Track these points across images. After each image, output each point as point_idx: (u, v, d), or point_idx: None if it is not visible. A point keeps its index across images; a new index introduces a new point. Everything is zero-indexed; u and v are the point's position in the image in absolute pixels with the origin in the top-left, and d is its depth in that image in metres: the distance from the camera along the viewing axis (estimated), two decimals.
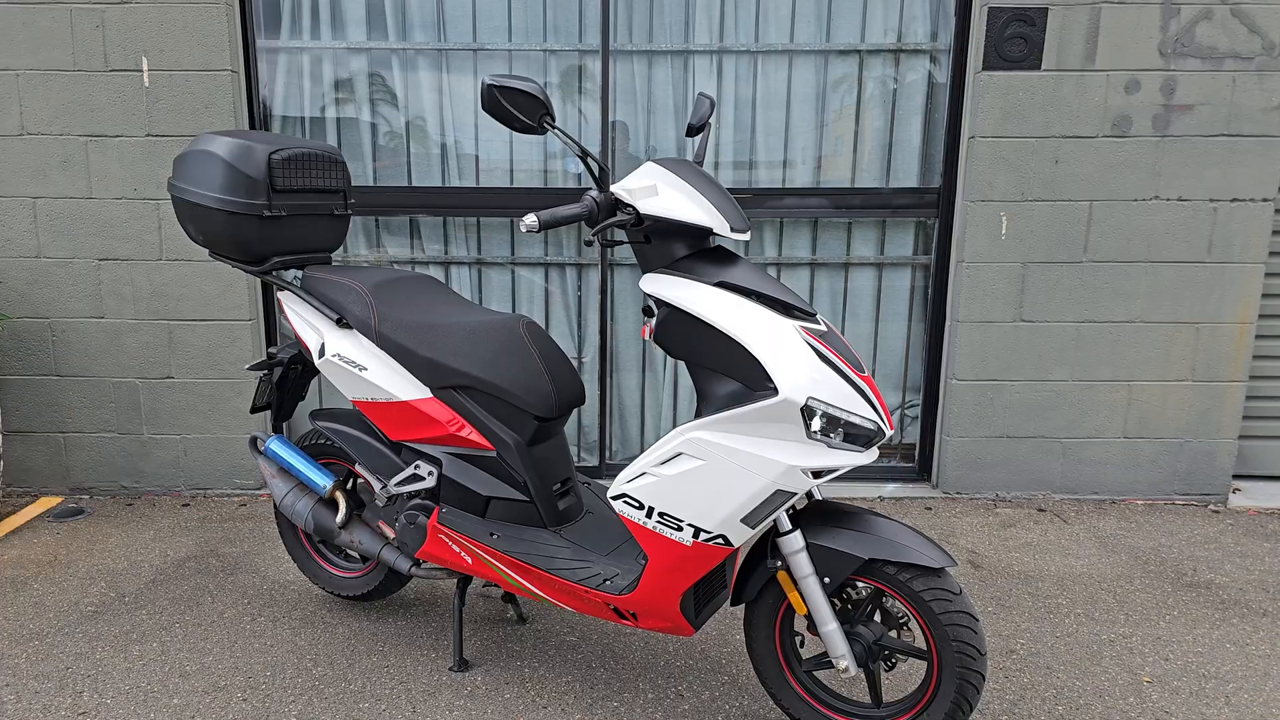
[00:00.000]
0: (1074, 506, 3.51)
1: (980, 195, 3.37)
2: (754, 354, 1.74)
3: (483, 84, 1.79)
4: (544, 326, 3.69)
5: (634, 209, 1.82)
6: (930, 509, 3.46)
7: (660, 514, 1.84)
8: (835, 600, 1.95)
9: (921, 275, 3.63)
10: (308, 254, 2.44)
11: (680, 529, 1.83)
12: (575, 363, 3.72)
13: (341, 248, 3.61)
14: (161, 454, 3.51)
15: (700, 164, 2.10)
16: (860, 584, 1.91)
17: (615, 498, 1.89)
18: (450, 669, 2.29)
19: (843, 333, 3.68)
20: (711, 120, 2.13)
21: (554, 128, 1.84)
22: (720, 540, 1.80)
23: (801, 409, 1.70)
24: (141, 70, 3.21)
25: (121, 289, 3.37)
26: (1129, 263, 3.41)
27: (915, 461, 3.76)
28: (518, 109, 1.81)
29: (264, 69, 3.45)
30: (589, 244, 1.72)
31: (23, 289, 3.37)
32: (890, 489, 3.66)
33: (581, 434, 3.79)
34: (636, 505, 1.86)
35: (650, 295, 1.85)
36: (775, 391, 1.71)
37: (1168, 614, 2.64)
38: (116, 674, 2.24)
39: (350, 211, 2.54)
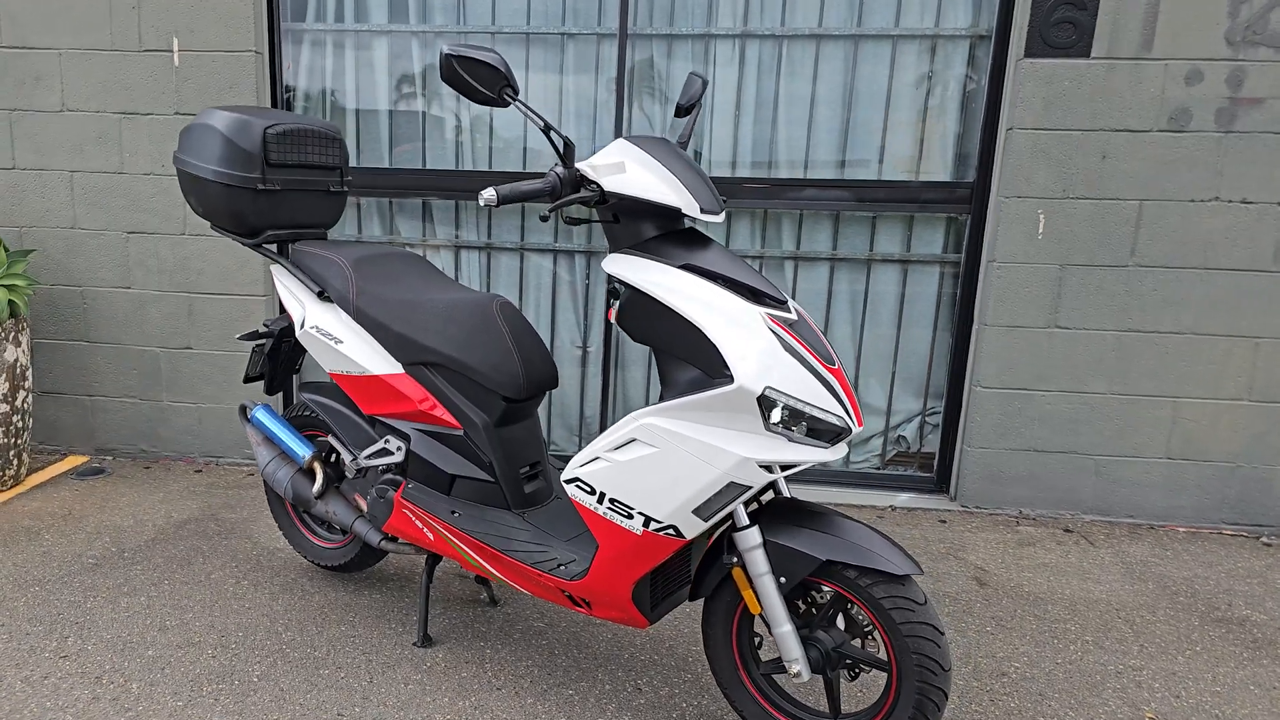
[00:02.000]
0: (1105, 529, 3.43)
1: (1016, 191, 3.33)
2: (712, 339, 1.75)
3: (441, 54, 1.83)
4: (551, 313, 3.80)
5: (598, 186, 1.84)
6: (944, 522, 3.44)
7: (611, 500, 1.88)
8: (800, 603, 1.98)
9: (950, 275, 3.60)
10: (302, 229, 2.59)
11: (631, 517, 1.87)
12: (580, 352, 3.81)
13: (358, 230, 3.79)
14: (178, 421, 3.76)
15: (685, 146, 2.15)
16: (826, 588, 1.92)
17: (568, 481, 1.94)
18: (414, 644, 2.42)
19: (862, 333, 3.68)
20: (702, 102, 2.17)
21: (516, 100, 1.87)
22: (671, 531, 1.84)
23: (759, 399, 1.71)
24: (172, 50, 3.45)
25: (147, 261, 3.62)
26: (1181, 269, 3.32)
27: (934, 472, 3.74)
28: (478, 80, 1.82)
29: (288, 51, 3.65)
30: (544, 219, 1.78)
31: (59, 258, 3.65)
32: (904, 499, 3.64)
33: (583, 424, 3.89)
34: (588, 490, 1.91)
35: (613, 276, 1.89)
36: (731, 379, 1.73)
37: (1189, 649, 2.58)
38: (102, 623, 2.45)
39: (346, 189, 2.69)
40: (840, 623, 1.94)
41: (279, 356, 2.66)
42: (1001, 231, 3.36)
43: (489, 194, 1.76)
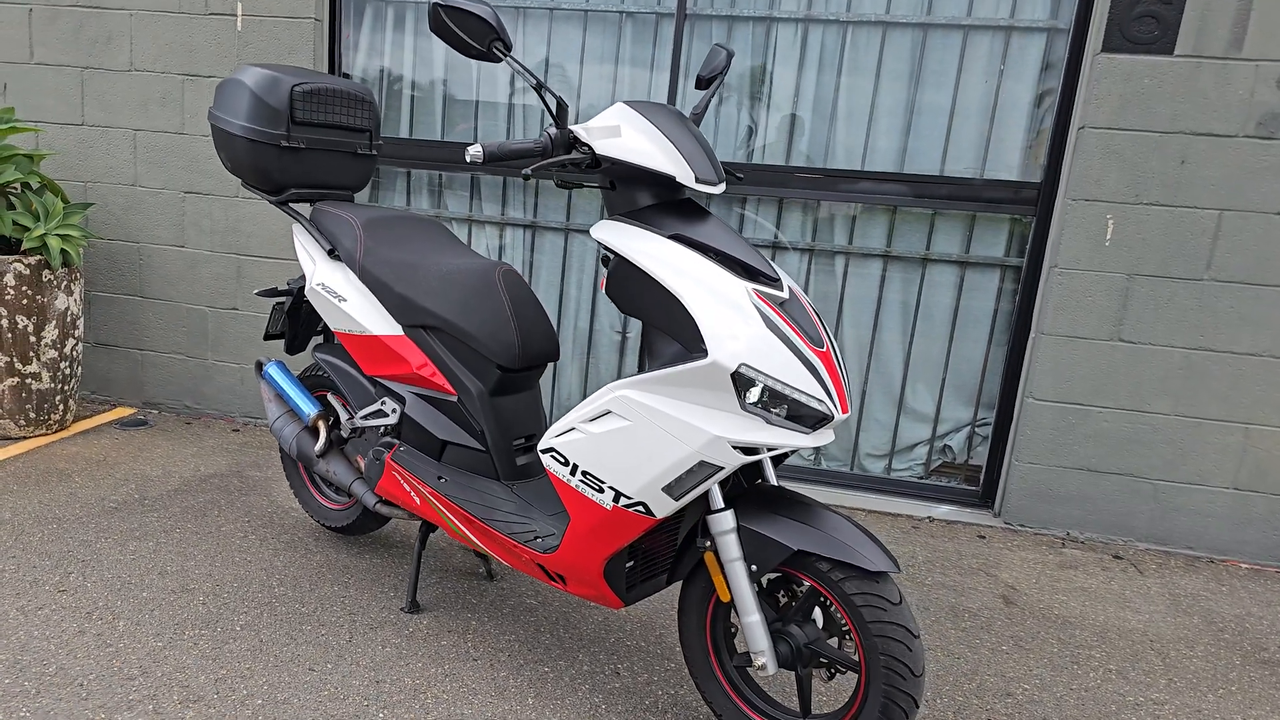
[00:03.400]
0: (1158, 559, 3.27)
1: (1084, 193, 3.20)
2: (690, 311, 1.73)
3: (430, 4, 1.86)
4: (593, 296, 3.83)
5: (590, 148, 1.85)
6: (983, 538, 3.33)
7: (584, 473, 1.89)
8: (782, 595, 1.96)
9: (1011, 281, 3.48)
10: (328, 189, 2.68)
11: (602, 491, 1.87)
12: (619, 337, 3.83)
13: (406, 203, 3.89)
14: (221, 380, 3.93)
15: (700, 118, 2.14)
16: (806, 581, 1.88)
17: (544, 451, 1.96)
18: (401, 609, 2.48)
19: (912, 335, 3.59)
20: (724, 76, 2.16)
21: (507, 56, 1.88)
22: (641, 508, 1.83)
23: (733, 375, 1.69)
24: (236, 15, 3.61)
25: (201, 221, 3.80)
26: (1262, 285, 3.13)
27: (979, 485, 3.61)
28: (467, 33, 1.82)
29: (348, 18, 3.78)
30: (526, 178, 1.80)
31: (119, 214, 3.86)
32: (943, 511, 3.54)
33: None
34: (562, 461, 1.92)
35: (600, 243, 1.90)
36: (706, 353, 1.71)
37: (1222, 687, 2.44)
38: (107, 563, 2.58)
39: (375, 152, 2.77)
40: (819, 620, 1.90)
41: (299, 316, 2.76)
42: (1066, 235, 3.24)
43: (475, 150, 1.78)
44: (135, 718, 1.92)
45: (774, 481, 1.97)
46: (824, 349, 1.80)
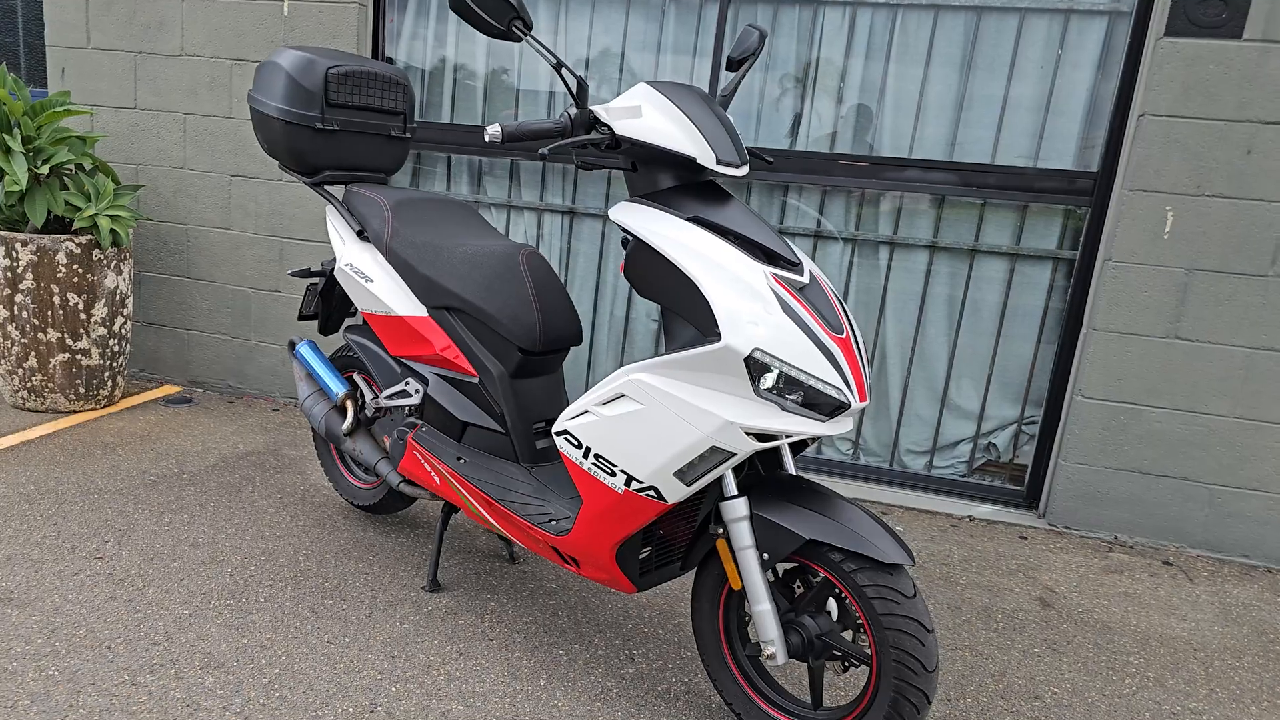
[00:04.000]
0: (1211, 566, 3.16)
1: (1143, 184, 3.11)
2: (705, 294, 1.73)
3: None
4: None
5: (609, 129, 1.85)
6: (1025, 539, 3.26)
7: (597, 455, 1.90)
8: (797, 586, 1.95)
9: (1064, 275, 3.40)
10: (361, 172, 2.74)
11: (614, 474, 1.88)
12: (655, 324, 3.83)
13: (446, 187, 3.95)
14: (263, 360, 4.04)
15: (728, 100, 2.13)
16: (820, 572, 1.87)
17: (558, 434, 1.98)
18: (422, 588, 2.52)
19: (958, 329, 3.53)
20: (755, 58, 2.14)
21: (527, 35, 1.91)
22: (652, 493, 1.84)
23: (746, 360, 1.69)
24: (282, 0, 3.71)
25: (246, 204, 3.90)
26: None
27: (1024, 485, 3.54)
28: (487, 12, 1.84)
29: (392, 4, 3.84)
30: (542, 156, 1.81)
31: (168, 196, 3.99)
32: (985, 510, 3.47)
33: None
34: (575, 444, 1.94)
35: (618, 224, 1.90)
36: (719, 337, 1.71)
37: (1267, 699, 2.36)
38: (142, 533, 2.68)
39: (410, 135, 2.82)
40: (834, 612, 1.89)
41: (332, 297, 2.82)
42: (1122, 228, 3.15)
43: (494, 129, 1.80)
44: (156, 680, 1.99)
45: (792, 470, 1.96)
46: (843, 335, 1.78)
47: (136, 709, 1.89)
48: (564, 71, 1.91)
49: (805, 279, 1.81)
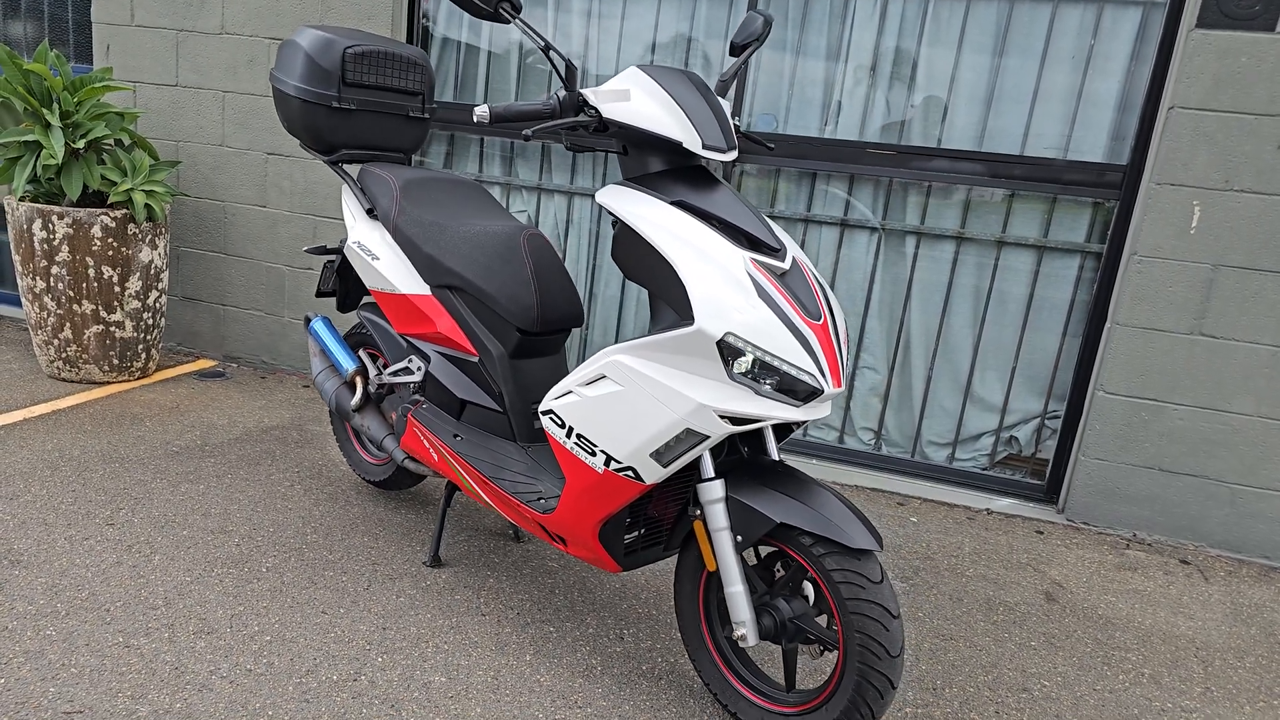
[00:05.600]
0: (1228, 567, 3.10)
1: (1170, 177, 3.04)
2: (681, 277, 1.76)
3: None
4: None
5: (597, 111, 1.88)
6: (1041, 533, 3.22)
7: (579, 435, 1.94)
8: (776, 570, 1.97)
9: (1092, 267, 3.34)
10: (379, 151, 2.80)
11: (594, 454, 1.92)
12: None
13: (479, 169, 4.00)
14: (295, 337, 4.15)
15: (728, 86, 2.14)
16: (793, 556, 1.90)
17: (544, 413, 2.02)
18: (424, 563, 2.59)
19: (983, 321, 3.49)
20: (759, 44, 2.15)
21: (515, 18, 1.94)
22: (630, 473, 1.87)
23: (719, 344, 1.71)
24: None
25: (281, 182, 4.00)
26: None
27: (1044, 480, 3.49)
28: None
29: None
30: (526, 139, 1.84)
31: (207, 173, 4.11)
32: (1004, 504, 3.44)
33: None
34: (559, 423, 1.99)
35: (603, 207, 1.93)
36: (694, 321, 1.74)
37: (1264, 700, 2.32)
38: (156, 502, 2.79)
39: (428, 116, 2.87)
40: (810, 595, 1.91)
41: (349, 275, 2.90)
42: (1148, 222, 3.08)
43: (482, 110, 1.84)
44: (150, 643, 2.08)
45: (775, 454, 1.98)
46: (820, 322, 1.79)
47: (126, 670, 1.98)
48: (552, 54, 1.95)
49: (786, 265, 1.83)
